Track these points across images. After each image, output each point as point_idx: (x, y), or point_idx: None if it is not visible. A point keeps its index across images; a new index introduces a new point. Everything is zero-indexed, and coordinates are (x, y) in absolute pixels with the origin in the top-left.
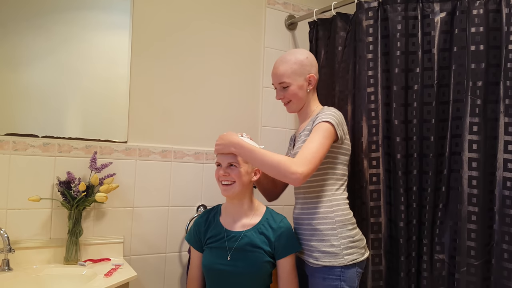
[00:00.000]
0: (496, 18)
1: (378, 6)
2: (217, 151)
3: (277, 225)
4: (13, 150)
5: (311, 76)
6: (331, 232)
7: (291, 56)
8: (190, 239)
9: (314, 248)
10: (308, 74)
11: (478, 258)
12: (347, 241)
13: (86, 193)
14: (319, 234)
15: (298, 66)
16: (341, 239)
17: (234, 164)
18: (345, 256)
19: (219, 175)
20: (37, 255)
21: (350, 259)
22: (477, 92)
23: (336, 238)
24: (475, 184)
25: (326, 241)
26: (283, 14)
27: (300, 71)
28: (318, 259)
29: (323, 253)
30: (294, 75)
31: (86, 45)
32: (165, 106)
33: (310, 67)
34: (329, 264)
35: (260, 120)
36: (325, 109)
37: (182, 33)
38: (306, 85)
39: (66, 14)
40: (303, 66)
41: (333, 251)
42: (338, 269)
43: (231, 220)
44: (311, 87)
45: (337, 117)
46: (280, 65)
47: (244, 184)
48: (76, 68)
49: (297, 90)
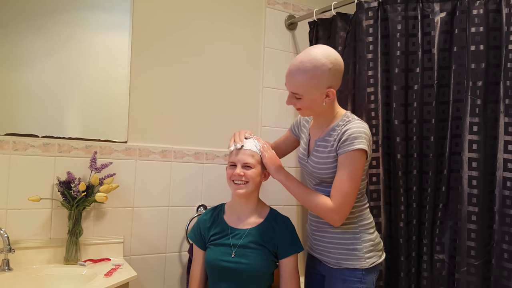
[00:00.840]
0: (496, 18)
1: (378, 6)
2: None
3: (280, 225)
4: (13, 150)
5: (330, 91)
6: (354, 236)
7: (311, 64)
8: (193, 236)
9: (335, 250)
10: (327, 87)
11: (478, 258)
12: (368, 245)
13: (86, 193)
14: (342, 238)
15: (315, 80)
16: (364, 243)
17: (249, 165)
18: (367, 260)
19: (233, 174)
20: (37, 255)
21: (371, 262)
22: (477, 92)
23: (359, 241)
24: (475, 184)
25: (349, 244)
26: (283, 14)
27: (319, 85)
28: (339, 261)
29: (345, 256)
30: (310, 88)
31: (86, 45)
32: (165, 106)
33: (332, 79)
34: (351, 267)
35: (260, 120)
36: (353, 124)
37: (182, 33)
38: (322, 98)
39: (66, 14)
40: (323, 79)
41: (356, 254)
42: (359, 272)
43: (235, 218)
44: (329, 100)
45: (367, 137)
46: (296, 74)
47: (256, 185)
48: (76, 68)
49: (310, 102)
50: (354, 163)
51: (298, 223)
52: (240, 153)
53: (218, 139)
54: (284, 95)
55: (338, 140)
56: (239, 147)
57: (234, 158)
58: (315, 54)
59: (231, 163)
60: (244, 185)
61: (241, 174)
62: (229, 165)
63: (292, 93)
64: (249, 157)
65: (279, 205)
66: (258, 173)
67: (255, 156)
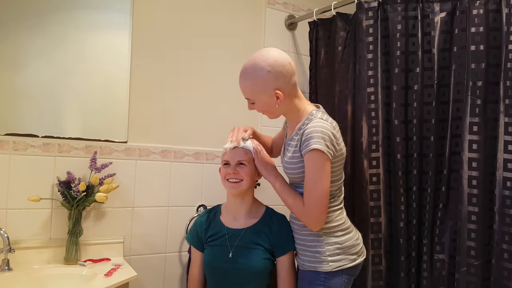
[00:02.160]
0: (496, 18)
1: (378, 6)
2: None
3: (277, 223)
4: (13, 150)
5: (277, 93)
6: (317, 239)
7: (252, 69)
8: (191, 238)
9: (302, 252)
10: (273, 89)
11: (478, 258)
12: (333, 248)
13: (86, 193)
14: (305, 240)
15: (258, 84)
16: (327, 246)
17: (243, 163)
18: (330, 263)
19: (227, 173)
20: (37, 255)
21: (336, 265)
22: (477, 92)
23: (322, 244)
24: (475, 184)
25: (312, 247)
26: (283, 14)
27: (262, 89)
28: (304, 263)
29: (308, 258)
30: (256, 92)
31: (86, 45)
32: (165, 106)
33: (276, 81)
34: (313, 270)
35: (260, 120)
36: (312, 123)
37: (182, 33)
38: (273, 100)
39: (66, 14)
40: (265, 82)
41: (318, 256)
42: (322, 275)
43: (232, 218)
44: (280, 101)
45: (324, 136)
46: (241, 80)
47: (250, 183)
48: (76, 68)
49: (264, 106)
50: (314, 164)
51: None
52: (233, 151)
53: (218, 139)
54: None
55: (300, 141)
56: (232, 147)
57: (228, 156)
58: (255, 58)
59: (225, 161)
60: (239, 183)
61: (236, 172)
62: (222, 164)
63: (246, 99)
64: (242, 155)
65: (278, 205)
66: (252, 170)
67: (248, 153)
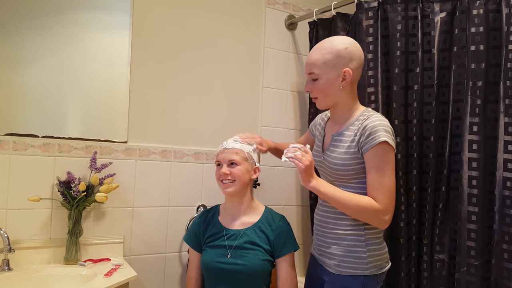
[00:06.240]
0: (496, 18)
1: (378, 6)
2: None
3: (276, 224)
4: (13, 150)
5: (347, 71)
6: (359, 244)
7: (328, 43)
8: (189, 239)
9: (338, 255)
10: (344, 67)
11: (478, 258)
12: (374, 253)
13: (86, 193)
14: (346, 244)
15: (332, 56)
16: (369, 250)
17: (234, 162)
18: (369, 267)
19: (220, 174)
20: (37, 255)
21: (375, 270)
22: (477, 92)
23: (364, 249)
24: (475, 184)
25: (353, 252)
26: (283, 14)
27: (334, 63)
28: (342, 266)
29: (348, 262)
30: (326, 66)
31: (86, 45)
32: (165, 106)
33: (349, 60)
34: (353, 274)
35: (260, 120)
36: (373, 118)
37: (182, 33)
38: (339, 80)
39: (66, 14)
40: (339, 57)
41: (360, 261)
42: (361, 279)
43: (230, 219)
44: (345, 83)
45: (389, 130)
46: (314, 53)
47: (244, 182)
48: (76, 68)
49: (327, 85)
50: (384, 157)
51: (298, 223)
52: (224, 152)
53: (218, 139)
54: (284, 95)
55: (360, 136)
56: (221, 149)
57: (219, 157)
58: (333, 37)
59: (217, 162)
60: (232, 184)
61: (227, 172)
62: (216, 165)
63: (309, 75)
64: (233, 155)
65: (279, 205)
66: (245, 170)
67: (239, 153)
